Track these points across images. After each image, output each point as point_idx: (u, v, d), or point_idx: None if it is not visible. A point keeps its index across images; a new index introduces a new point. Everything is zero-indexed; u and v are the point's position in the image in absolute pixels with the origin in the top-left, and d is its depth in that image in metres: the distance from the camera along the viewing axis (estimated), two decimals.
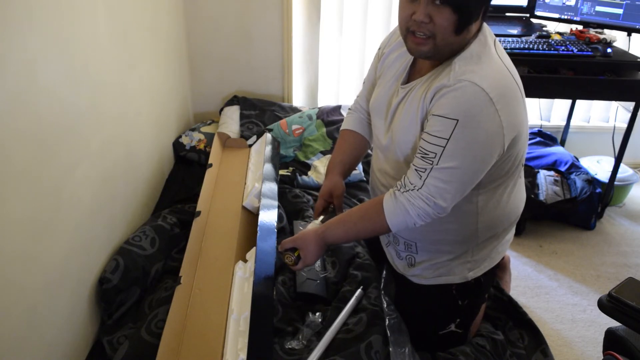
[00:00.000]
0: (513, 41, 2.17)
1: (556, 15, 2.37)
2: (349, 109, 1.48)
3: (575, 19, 2.33)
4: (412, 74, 1.21)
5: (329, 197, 1.37)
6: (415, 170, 1.09)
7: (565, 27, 2.53)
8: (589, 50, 2.13)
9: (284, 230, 1.70)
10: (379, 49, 1.35)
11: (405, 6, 1.07)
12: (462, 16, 1.02)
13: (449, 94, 1.05)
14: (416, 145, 1.15)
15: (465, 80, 1.03)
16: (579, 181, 2.36)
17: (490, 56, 1.08)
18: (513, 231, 1.39)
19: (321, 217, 1.33)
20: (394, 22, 1.34)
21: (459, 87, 1.04)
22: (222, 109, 2.53)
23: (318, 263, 1.57)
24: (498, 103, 1.02)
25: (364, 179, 2.15)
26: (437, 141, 1.05)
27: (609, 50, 2.14)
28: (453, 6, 1.01)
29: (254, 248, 1.39)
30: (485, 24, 1.13)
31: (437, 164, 1.05)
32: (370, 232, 1.23)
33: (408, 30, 1.08)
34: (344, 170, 1.42)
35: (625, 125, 2.22)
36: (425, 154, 1.07)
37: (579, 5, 2.30)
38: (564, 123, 2.88)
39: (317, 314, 1.41)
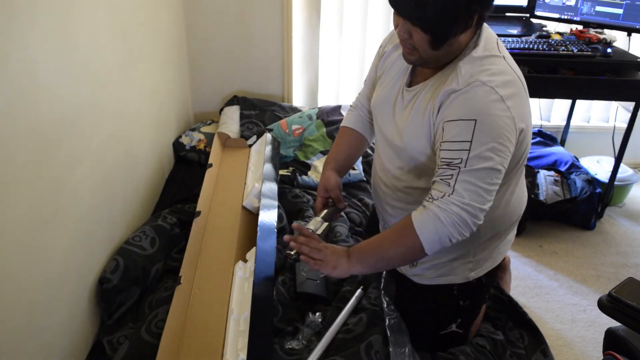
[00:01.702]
0: (513, 41, 2.17)
1: (556, 15, 2.37)
2: (351, 106, 1.48)
3: (575, 19, 2.33)
4: (415, 75, 1.21)
5: (324, 192, 1.37)
6: (442, 179, 1.05)
7: (565, 27, 2.53)
8: (589, 50, 2.13)
9: (284, 230, 1.70)
10: (380, 47, 1.34)
11: (394, 17, 1.08)
12: (434, 36, 1.03)
13: (460, 97, 1.04)
14: (424, 149, 1.14)
15: (474, 81, 1.03)
16: (579, 181, 2.36)
17: (495, 57, 1.08)
18: (514, 231, 1.39)
19: (323, 213, 1.33)
20: None
21: (469, 89, 1.03)
22: (222, 109, 2.53)
23: None
24: (508, 100, 1.03)
25: (364, 178, 2.15)
26: (460, 146, 1.03)
27: (609, 50, 2.14)
28: (420, 28, 1.03)
29: (254, 248, 1.39)
30: (486, 26, 1.13)
31: (464, 167, 1.02)
32: (400, 253, 1.11)
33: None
34: (338, 166, 1.41)
35: (625, 125, 2.22)
36: (450, 161, 1.04)
37: (579, 5, 2.30)
38: (564, 123, 2.88)
39: (317, 314, 1.41)
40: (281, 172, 2.08)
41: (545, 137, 2.79)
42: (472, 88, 1.03)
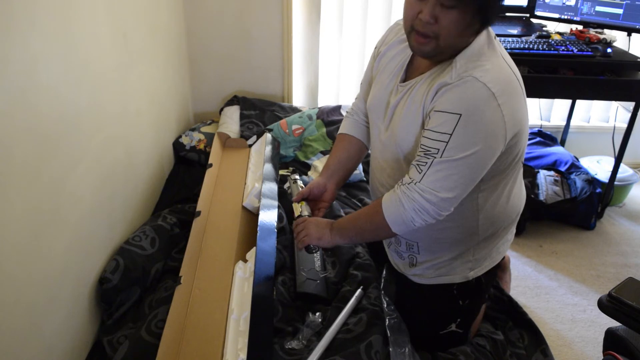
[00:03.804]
0: (513, 41, 2.17)
1: (556, 15, 2.37)
2: (347, 111, 1.47)
3: (575, 19, 2.33)
4: (410, 72, 1.21)
5: (307, 192, 1.37)
6: (416, 165, 1.08)
7: (565, 27, 2.53)
8: (589, 50, 2.13)
9: (284, 230, 1.70)
10: (375, 47, 1.34)
11: (413, 4, 1.05)
12: (475, 18, 1.02)
13: (451, 90, 1.05)
14: (417, 143, 1.15)
15: (467, 76, 1.03)
16: (579, 181, 2.36)
17: (492, 53, 1.08)
18: (514, 230, 1.39)
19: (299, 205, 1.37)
20: (394, 22, 1.34)
21: (461, 83, 1.04)
22: (222, 109, 2.53)
23: (318, 263, 1.57)
24: (500, 98, 1.03)
25: (364, 179, 2.15)
26: (439, 137, 1.04)
27: (609, 50, 2.14)
28: (464, 11, 1.01)
29: (254, 248, 1.39)
30: None
31: (439, 157, 1.04)
32: (371, 229, 1.20)
33: (413, 28, 1.07)
34: (333, 177, 1.40)
35: (625, 125, 2.22)
36: (428, 150, 1.06)
37: (579, 5, 2.30)
38: (564, 123, 2.88)
39: (317, 314, 1.41)
40: (281, 172, 2.08)
41: (545, 137, 2.79)
42: (463, 82, 1.03)
